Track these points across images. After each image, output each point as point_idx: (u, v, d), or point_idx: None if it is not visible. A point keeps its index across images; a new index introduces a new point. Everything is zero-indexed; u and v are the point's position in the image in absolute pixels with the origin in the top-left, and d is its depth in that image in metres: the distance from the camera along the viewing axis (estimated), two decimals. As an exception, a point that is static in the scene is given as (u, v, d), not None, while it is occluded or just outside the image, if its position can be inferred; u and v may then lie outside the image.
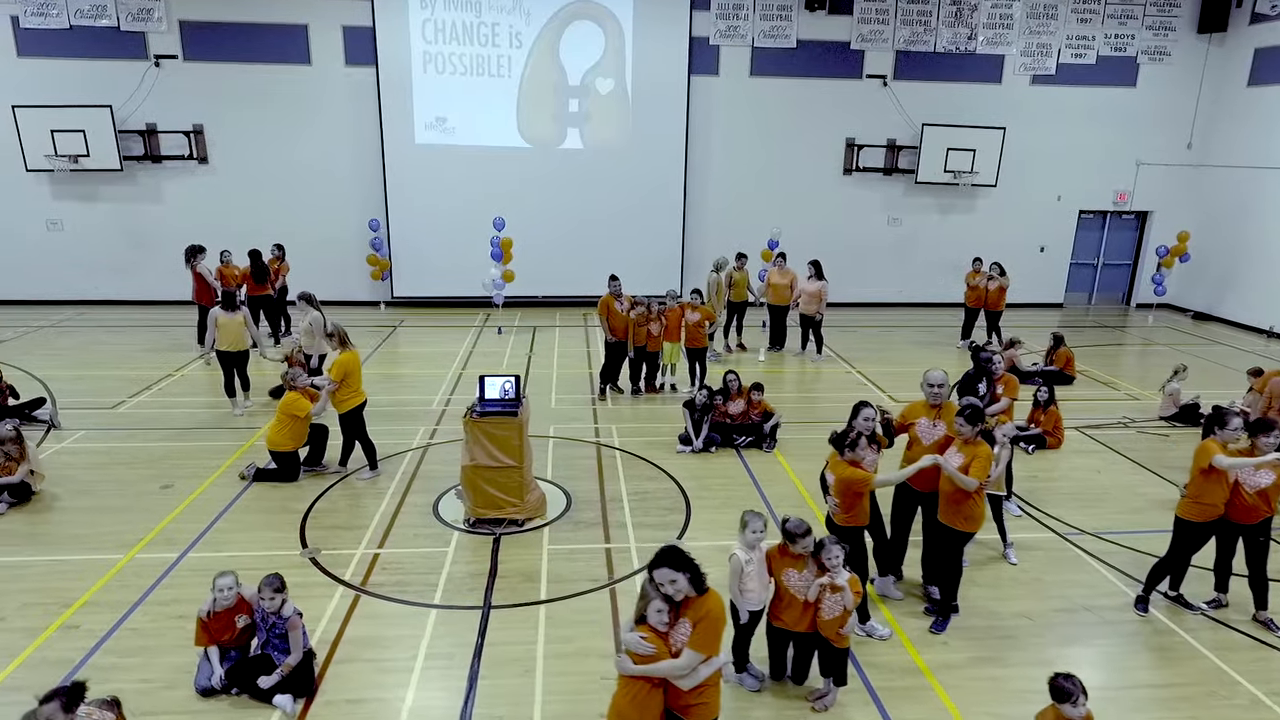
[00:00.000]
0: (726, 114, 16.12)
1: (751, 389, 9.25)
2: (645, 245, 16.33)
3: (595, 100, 15.57)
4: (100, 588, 6.04)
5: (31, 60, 14.69)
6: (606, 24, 15.19)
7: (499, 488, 6.99)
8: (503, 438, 6.90)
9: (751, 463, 8.73)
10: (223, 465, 8.35)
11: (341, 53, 15.15)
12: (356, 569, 6.40)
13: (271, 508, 7.46)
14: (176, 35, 14.78)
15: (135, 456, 8.53)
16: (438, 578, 6.30)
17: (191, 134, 15.25)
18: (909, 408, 6.16)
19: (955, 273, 17.15)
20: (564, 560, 6.59)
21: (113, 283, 15.83)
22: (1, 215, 15.25)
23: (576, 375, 11.98)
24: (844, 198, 16.80)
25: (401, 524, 7.17)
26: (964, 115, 16.29)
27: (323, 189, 15.72)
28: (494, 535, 6.96)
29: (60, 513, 7.28)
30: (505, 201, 15.47)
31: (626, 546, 6.85)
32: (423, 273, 16.05)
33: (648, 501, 7.73)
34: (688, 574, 3.71)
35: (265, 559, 6.49)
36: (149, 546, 6.66)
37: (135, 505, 7.41)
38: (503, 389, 7.07)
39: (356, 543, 6.83)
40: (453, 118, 15.36)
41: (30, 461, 7.45)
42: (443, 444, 9.08)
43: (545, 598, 6.05)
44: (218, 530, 6.98)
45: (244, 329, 9.70)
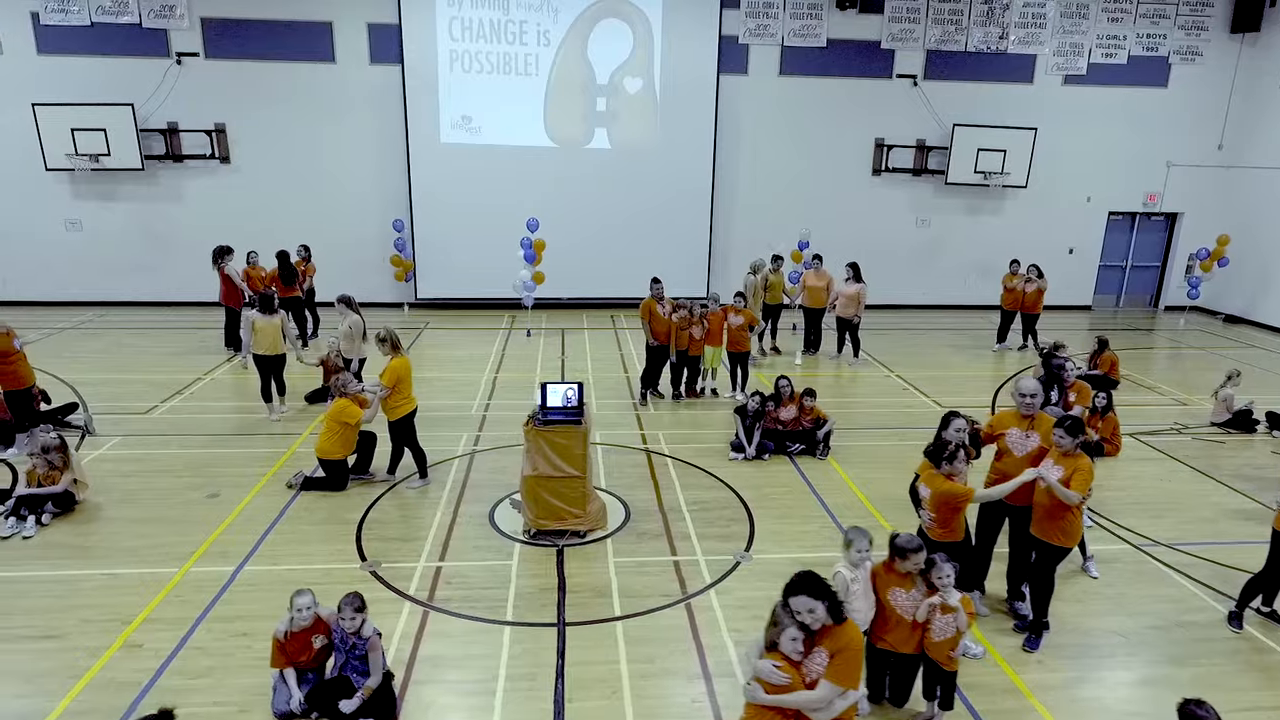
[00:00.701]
0: (755, 114, 15.92)
1: (803, 395, 9.04)
2: (672, 246, 16.12)
3: (623, 99, 15.36)
4: (159, 604, 5.82)
5: (51, 58, 14.45)
6: (635, 22, 14.98)
7: (561, 498, 6.79)
8: (566, 447, 6.70)
9: (807, 471, 8.53)
10: (267, 473, 8.13)
11: (366, 51, 14.93)
12: (420, 583, 6.19)
13: (323, 518, 7.25)
14: (198, 32, 14.55)
15: (175, 464, 8.31)
16: (506, 592, 6.09)
17: (213, 133, 15.01)
18: (997, 418, 5.96)
19: (983, 275, 17.07)
20: (633, 574, 6.39)
21: (132, 284, 15.58)
22: (21, 215, 15.01)
23: (613, 379, 11.77)
24: (872, 199, 16.61)
25: (459, 535, 6.96)
26: (994, 115, 16.11)
27: (346, 189, 15.49)
28: (557, 547, 6.75)
29: (106, 523, 7.06)
30: (531, 202, 15.25)
31: (694, 559, 6.65)
32: (447, 274, 15.83)
33: (708, 512, 7.53)
34: (826, 602, 3.51)
35: (324, 573, 6.28)
36: (203, 559, 6.44)
37: (184, 516, 7.19)
38: (565, 397, 6.86)
39: (416, 555, 6.62)
40: (479, 117, 15.14)
41: (74, 470, 7.23)
42: (488, 451, 8.87)
43: (620, 614, 5.84)
44: (271, 543, 6.77)
45: (281, 332, 9.49)
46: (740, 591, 6.18)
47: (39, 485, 7.06)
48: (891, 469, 8.62)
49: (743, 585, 6.27)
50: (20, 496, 6.93)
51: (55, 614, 5.66)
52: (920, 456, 5.56)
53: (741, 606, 5.96)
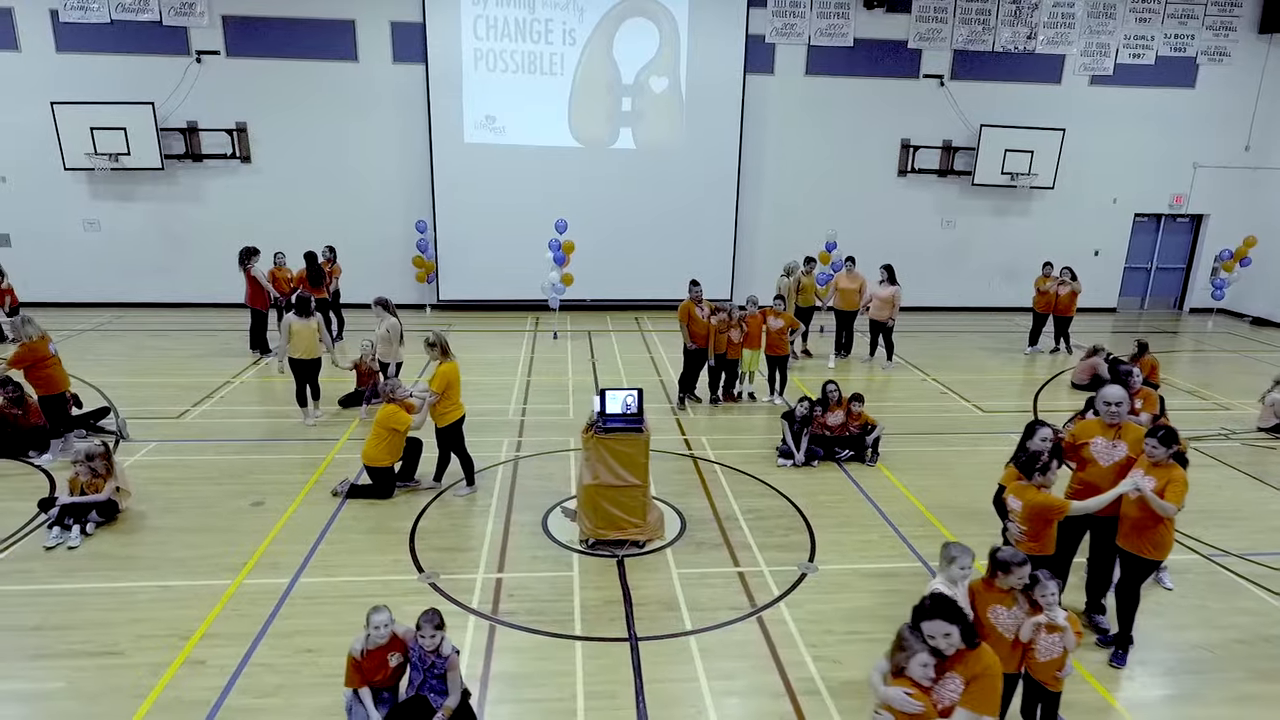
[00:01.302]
0: (781, 114, 15.77)
1: (851, 400, 8.89)
2: (697, 248, 15.97)
3: (648, 99, 15.20)
4: (215, 617, 5.65)
5: (70, 55, 14.24)
6: (661, 21, 14.82)
7: (621, 507, 6.62)
8: (627, 455, 6.53)
9: (858, 478, 8.37)
10: (309, 480, 7.96)
11: (389, 49, 14.74)
12: (482, 595, 6.02)
13: (373, 527, 7.07)
14: (219, 30, 14.35)
15: (214, 471, 8.13)
16: (570, 605, 5.92)
17: (234, 132, 14.81)
18: (1080, 427, 5.80)
19: (1008, 277, 16.96)
20: (698, 586, 6.22)
21: (151, 285, 15.38)
22: (39, 215, 14.81)
23: (647, 382, 11.59)
24: (897, 200, 16.47)
25: (515, 545, 6.80)
26: (1021, 116, 15.98)
27: (368, 189, 15.31)
28: (616, 557, 6.59)
29: (152, 533, 6.88)
30: (555, 203, 15.11)
31: (758, 570, 6.49)
32: (469, 275, 15.65)
33: (764, 520, 7.37)
34: (960, 626, 3.35)
35: (382, 585, 6.11)
36: (255, 571, 6.27)
37: (230, 525, 7.01)
38: (624, 403, 6.70)
39: (473, 566, 6.45)
40: (503, 116, 14.97)
41: (117, 478, 7.05)
42: (531, 457, 8.70)
43: (691, 628, 5.68)
44: (322, 553, 6.59)
45: (317, 336, 9.31)
46: (810, 605, 6.02)
47: (81, 493, 6.88)
48: (942, 476, 8.49)
49: (812, 598, 6.11)
50: (64, 505, 6.76)
51: (112, 628, 5.48)
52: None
53: (814, 620, 5.80)
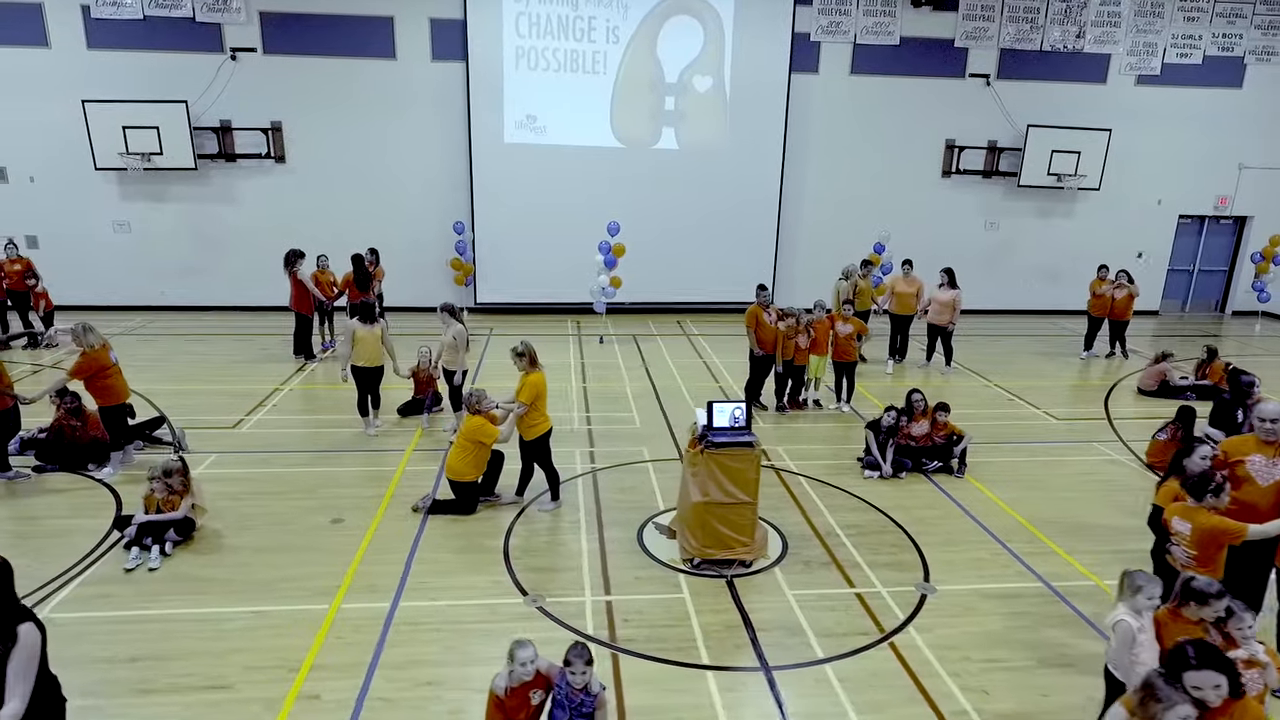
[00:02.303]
0: (825, 113, 15.50)
1: (936, 409, 8.61)
2: (738, 250, 15.72)
3: (692, 98, 14.91)
4: (320, 647, 5.33)
5: (102, 53, 13.89)
6: (707, 19, 14.53)
7: (730, 525, 6.32)
8: (738, 470, 6.23)
9: (951, 491, 8.09)
10: (384, 494, 7.64)
11: (428, 47, 14.41)
12: (595, 620, 5.71)
13: (463, 546, 6.76)
14: (256, 27, 14.01)
15: (281, 485, 7.80)
16: (688, 630, 5.62)
17: (269, 131, 14.47)
18: (1233, 443, 5.52)
19: (1050, 279, 16.73)
20: (817, 609, 5.93)
21: (181, 287, 15.04)
22: (67, 216, 14.45)
23: (705, 388, 11.31)
24: (941, 201, 16.22)
25: (615, 565, 6.48)
26: (1065, 116, 15.75)
27: (405, 190, 14.99)
28: (724, 578, 6.29)
29: (231, 553, 6.54)
30: (596, 203, 14.88)
31: (875, 591, 6.19)
32: (507, 278, 15.33)
33: (866, 536, 7.08)
34: (1230, 676, 3.07)
35: (487, 610, 5.80)
36: (351, 594, 5.94)
37: (311, 544, 6.69)
38: (732, 416, 6.41)
39: (577, 587, 6.14)
40: (544, 116, 14.65)
41: (194, 495, 6.72)
42: (608, 469, 8.39)
43: (824, 655, 5.39)
44: (416, 574, 6.26)
45: (381, 343, 8.99)
46: (940, 629, 5.72)
47: (158, 511, 6.55)
48: (1035, 488, 8.22)
49: (939, 621, 5.82)
50: (141, 524, 6.42)
51: (213, 659, 5.15)
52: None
53: (949, 646, 5.51)
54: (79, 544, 6.56)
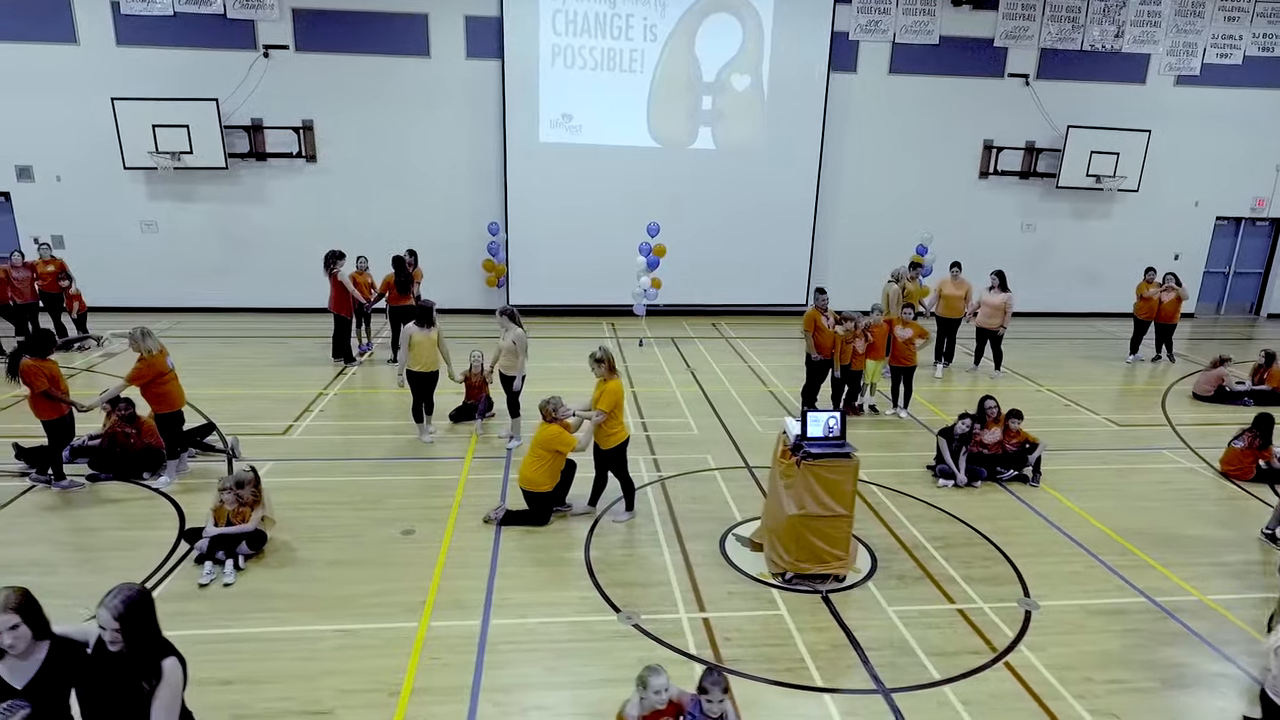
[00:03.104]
0: (863, 114, 15.29)
1: (1009, 416, 8.41)
2: (773, 251, 15.52)
3: (730, 97, 14.69)
4: (417, 668, 5.11)
5: (131, 49, 13.62)
6: (745, 17, 14.31)
7: (825, 539, 6.11)
8: (835, 483, 6.03)
9: (1030, 500, 7.89)
10: (452, 504, 7.41)
11: (463, 44, 14.17)
12: (696, 639, 5.50)
13: (542, 559, 6.54)
14: (289, 24, 13.75)
15: (344, 494, 7.57)
16: (796, 650, 5.41)
17: (300, 130, 14.22)
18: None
19: (1087, 281, 16.57)
20: (922, 626, 5.72)
21: (209, 289, 14.77)
22: (95, 216, 14.18)
23: (755, 393, 11.10)
24: (978, 202, 16.04)
25: (704, 579, 6.27)
26: (1104, 116, 15.57)
27: (437, 190, 14.74)
28: (819, 593, 6.08)
29: (304, 566, 6.31)
30: (630, 203, 14.70)
31: (977, 607, 5.99)
32: (539, 279, 15.10)
33: (955, 549, 6.87)
34: None
35: (581, 628, 5.58)
36: (438, 612, 5.71)
37: (384, 557, 6.46)
38: (827, 426, 6.19)
39: (669, 603, 5.92)
40: (579, 115, 14.42)
41: (265, 506, 6.49)
42: (675, 477, 8.17)
43: (940, 676, 5.18)
44: (501, 590, 6.03)
45: (437, 348, 8.76)
46: (1053, 648, 5.51)
47: (228, 523, 6.32)
48: (1113, 497, 8.03)
49: (1050, 640, 5.61)
50: (213, 537, 6.19)
51: (307, 682, 4.93)
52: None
53: (1066, 667, 5.30)
54: (146, 557, 6.33)
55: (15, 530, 6.73)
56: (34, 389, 7.06)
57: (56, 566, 6.17)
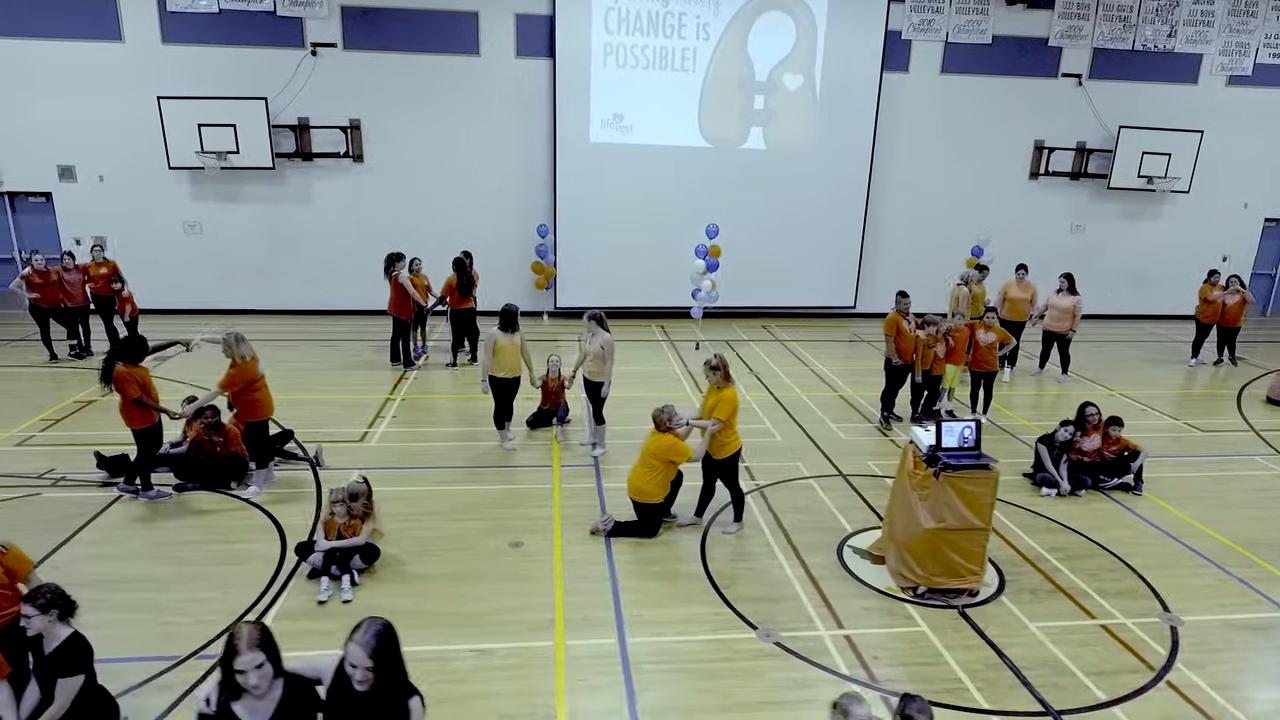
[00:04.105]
0: (914, 114, 15.11)
1: (1109, 423, 8.25)
2: (822, 253, 15.35)
3: (782, 97, 14.49)
4: (566, 690, 4.91)
5: (177, 47, 13.37)
6: (799, 15, 14.11)
7: (962, 553, 5.93)
8: (975, 495, 5.84)
9: (1138, 510, 7.72)
10: (552, 515, 7.21)
11: (513, 43, 13.95)
12: (844, 658, 5.31)
13: (661, 572, 6.34)
14: (337, 21, 13.51)
15: (441, 504, 7.36)
16: (949, 669, 5.22)
17: (348, 129, 13.99)
18: None
19: (1135, 282, 16.43)
20: (1070, 643, 5.52)
21: (252, 290, 14.53)
22: (138, 216, 13.93)
23: (826, 399, 10.92)
24: (1028, 203, 15.88)
25: (833, 594, 6.07)
26: (1155, 117, 15.42)
27: (484, 191, 14.52)
28: (955, 608, 5.90)
29: (419, 581, 6.10)
30: (680, 205, 14.56)
31: (1120, 623, 5.80)
32: (587, 281, 14.88)
33: (1077, 561, 6.69)
34: None
35: (721, 646, 5.39)
36: (571, 630, 5.52)
37: (499, 570, 6.26)
38: (962, 436, 6.01)
39: (805, 620, 5.73)
40: (630, 114, 14.22)
41: (375, 519, 6.29)
42: (771, 486, 7.98)
43: (1105, 697, 5.00)
44: (628, 605, 5.82)
45: (521, 353, 8.56)
46: (1210, 666, 5.34)
47: (339, 536, 6.12)
48: (1219, 505, 7.87)
49: (1204, 657, 5.44)
50: (327, 552, 5.98)
51: (459, 705, 4.72)
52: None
53: (1229, 686, 5.13)
54: (254, 572, 6.12)
55: (111, 544, 6.51)
56: (126, 396, 6.84)
57: (166, 583, 5.95)
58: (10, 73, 13.19)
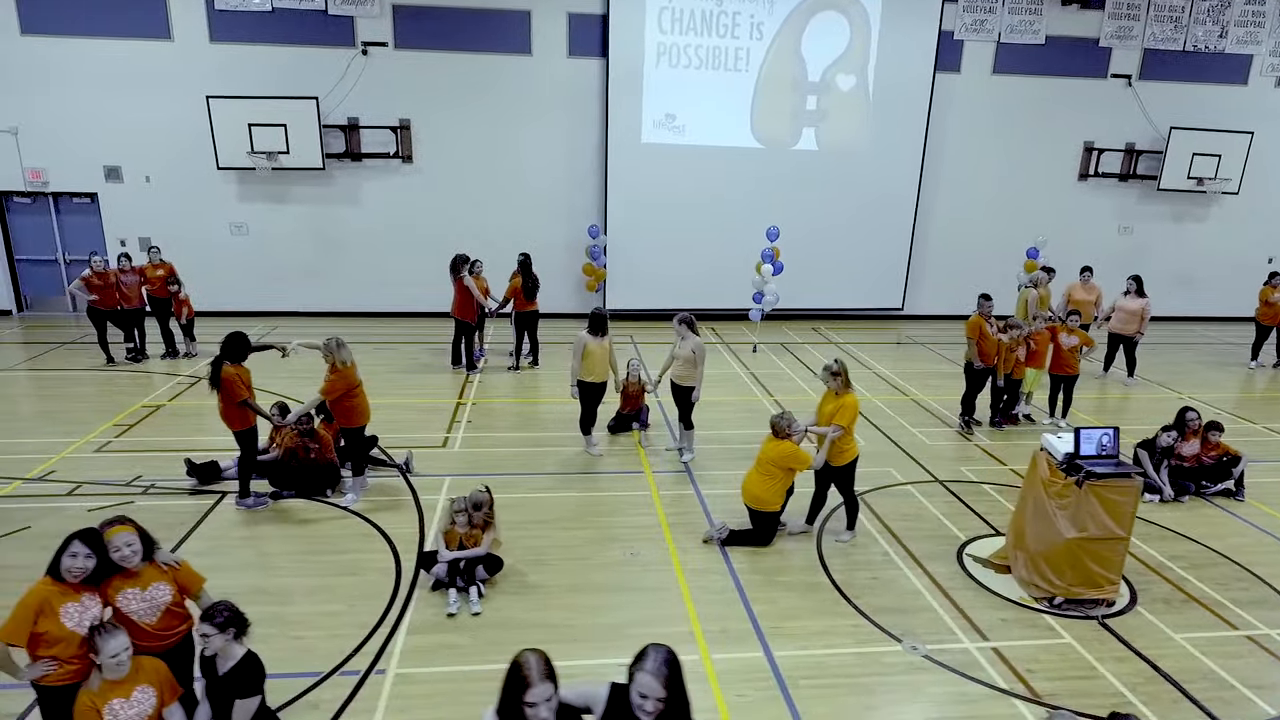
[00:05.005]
0: (964, 114, 15.02)
1: (1208, 428, 8.16)
2: (869, 254, 15.25)
3: (834, 98, 14.39)
4: (727, 707, 4.77)
5: (225, 46, 13.20)
6: (853, 14, 14.01)
7: (1102, 563, 5.81)
8: (1118, 504, 5.72)
9: (1246, 516, 7.63)
10: (657, 522, 7.08)
11: (565, 42, 13.81)
12: (999, 672, 5.18)
13: (788, 582, 6.20)
14: (389, 20, 13.36)
15: (544, 512, 7.21)
16: (1107, 682, 5.09)
17: (397, 129, 13.83)
18: None
19: (1182, 284, 16.36)
20: (1221, 655, 5.39)
21: (299, 292, 14.37)
22: (184, 217, 13.75)
23: (899, 402, 10.80)
24: (1076, 205, 15.80)
25: (966, 604, 5.95)
26: (1204, 118, 15.36)
27: (535, 191, 14.38)
28: (1092, 619, 5.78)
29: (543, 593, 5.95)
30: (732, 206, 14.48)
31: (1265, 633, 5.69)
32: (637, 283, 14.75)
33: (1201, 569, 6.57)
34: None
35: (869, 659, 5.26)
36: (712, 643, 5.38)
37: (619, 581, 6.11)
38: (1100, 443, 5.90)
39: (944, 631, 5.59)
40: (683, 114, 14.09)
41: (495, 529, 6.15)
42: (870, 492, 7.84)
43: (1275, 712, 4.89)
44: (763, 617, 5.69)
45: (609, 357, 8.43)
46: (1369, 678, 5.26)
47: (460, 546, 5.98)
48: (1326, 512, 7.79)
49: (1360, 669, 5.36)
50: (450, 563, 5.84)
51: (622, 724, 4.60)
52: None
53: (1395, 699, 5.05)
54: (374, 584, 5.97)
55: (220, 555, 6.34)
56: (233, 398, 6.68)
57: (287, 595, 5.80)
58: (57, 72, 13.02)
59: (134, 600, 3.83)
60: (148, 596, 3.87)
